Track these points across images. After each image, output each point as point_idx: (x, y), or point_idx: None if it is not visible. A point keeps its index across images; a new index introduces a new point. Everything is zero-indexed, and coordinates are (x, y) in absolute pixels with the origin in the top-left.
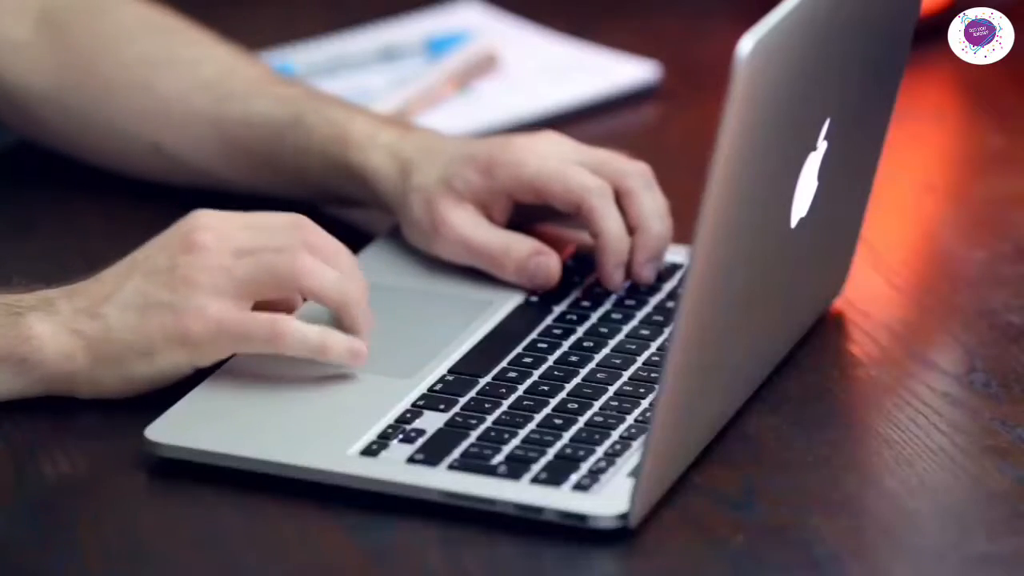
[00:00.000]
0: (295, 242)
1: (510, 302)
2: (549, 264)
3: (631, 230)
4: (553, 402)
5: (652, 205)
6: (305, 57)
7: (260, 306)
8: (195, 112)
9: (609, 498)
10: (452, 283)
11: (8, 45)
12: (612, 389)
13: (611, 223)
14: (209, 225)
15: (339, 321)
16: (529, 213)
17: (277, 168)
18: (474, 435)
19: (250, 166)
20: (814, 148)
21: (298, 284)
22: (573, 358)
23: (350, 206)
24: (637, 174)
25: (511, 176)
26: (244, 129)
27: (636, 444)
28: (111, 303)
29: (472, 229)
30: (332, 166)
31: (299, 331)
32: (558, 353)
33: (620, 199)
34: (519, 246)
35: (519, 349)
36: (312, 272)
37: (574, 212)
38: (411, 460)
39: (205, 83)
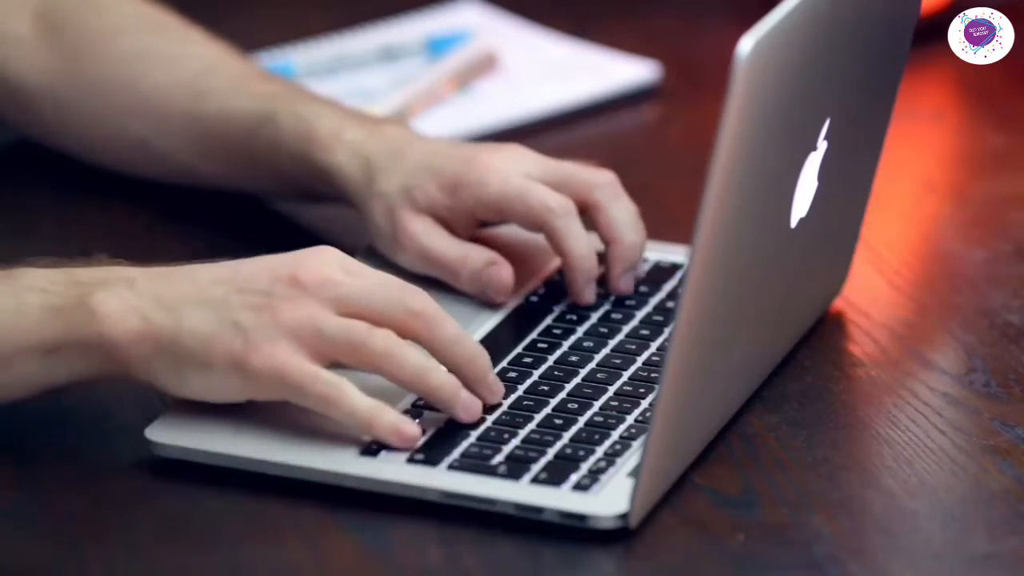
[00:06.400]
0: (395, 315)
1: (510, 302)
2: (501, 275)
3: (603, 242)
4: (553, 402)
5: (622, 215)
6: (305, 57)
7: None
8: (175, 109)
9: (609, 498)
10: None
11: (7, 39)
12: (612, 389)
13: (574, 243)
14: (320, 265)
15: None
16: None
17: (252, 165)
18: (474, 435)
19: (227, 163)
20: (814, 148)
21: (377, 366)
22: (573, 358)
23: (322, 202)
24: (604, 185)
25: (473, 196)
26: (220, 126)
27: (636, 444)
28: (192, 303)
29: (430, 239)
30: (300, 163)
31: (350, 402)
32: (558, 353)
33: (589, 213)
34: (475, 256)
35: (519, 349)
36: (390, 357)
37: (538, 232)
38: (411, 460)
39: (185, 80)
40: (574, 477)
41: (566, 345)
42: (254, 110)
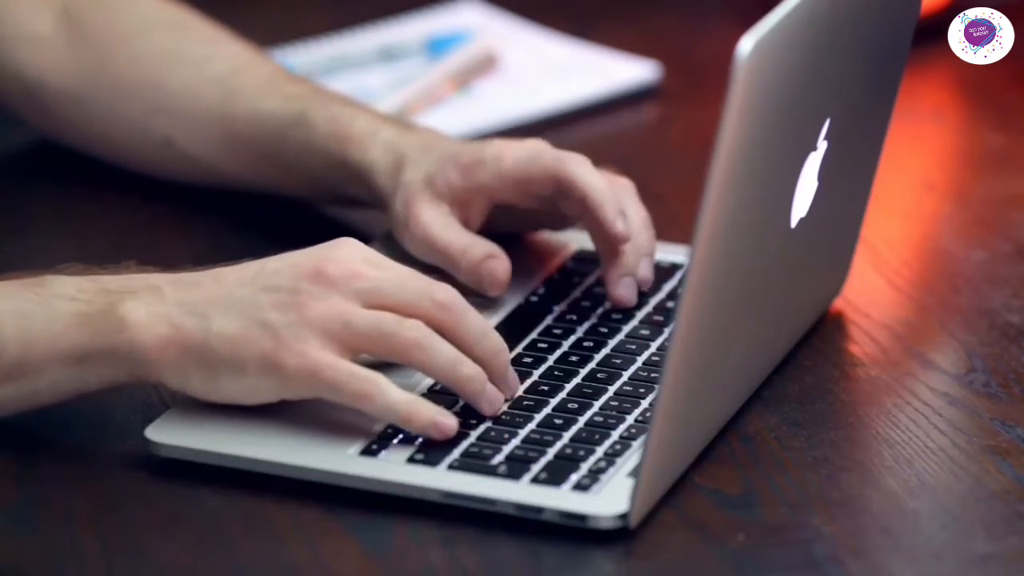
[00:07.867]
0: (422, 307)
1: (510, 302)
2: (497, 268)
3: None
4: (553, 402)
5: (636, 217)
6: (306, 57)
7: None
8: (204, 109)
9: (609, 498)
10: (452, 283)
11: (30, 39)
12: (612, 389)
13: (593, 179)
14: (344, 258)
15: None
16: (524, 222)
17: (282, 166)
18: (474, 435)
19: (256, 163)
20: (814, 148)
21: (408, 357)
22: (573, 358)
23: (352, 206)
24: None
25: (490, 173)
26: (251, 127)
27: (636, 444)
28: (219, 306)
29: (438, 228)
30: (333, 163)
31: (386, 397)
32: (558, 353)
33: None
34: (476, 248)
35: (519, 349)
36: (422, 347)
37: (556, 191)
38: (411, 460)
39: (214, 80)
40: (574, 477)
41: (566, 345)
42: (286, 111)
